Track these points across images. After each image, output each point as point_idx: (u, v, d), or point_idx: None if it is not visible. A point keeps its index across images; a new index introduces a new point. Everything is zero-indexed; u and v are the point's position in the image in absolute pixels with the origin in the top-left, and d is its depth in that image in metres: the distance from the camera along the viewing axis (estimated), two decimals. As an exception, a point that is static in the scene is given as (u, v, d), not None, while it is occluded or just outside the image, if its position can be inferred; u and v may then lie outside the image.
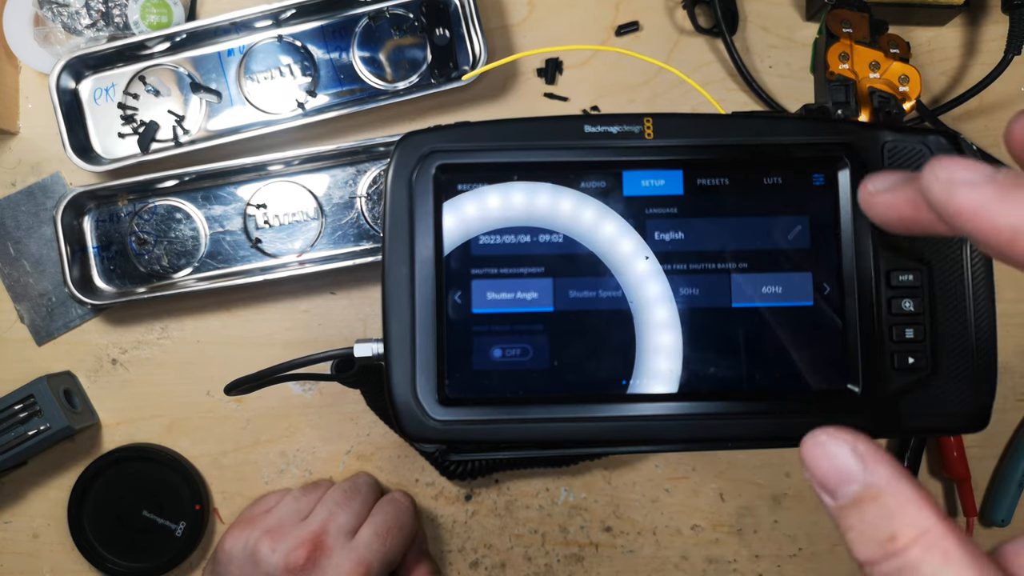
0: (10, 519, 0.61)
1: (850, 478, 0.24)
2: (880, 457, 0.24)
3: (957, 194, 0.23)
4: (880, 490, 0.24)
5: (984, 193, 0.23)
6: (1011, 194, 0.22)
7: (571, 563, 0.61)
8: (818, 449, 0.25)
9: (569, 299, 0.40)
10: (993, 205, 0.23)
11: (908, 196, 0.26)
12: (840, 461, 0.25)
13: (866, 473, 0.24)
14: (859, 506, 0.24)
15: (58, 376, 0.59)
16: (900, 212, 0.27)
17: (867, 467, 0.24)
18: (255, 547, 0.51)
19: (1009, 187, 0.22)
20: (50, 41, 0.59)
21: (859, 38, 0.54)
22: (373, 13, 0.59)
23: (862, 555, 0.24)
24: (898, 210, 0.27)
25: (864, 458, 0.24)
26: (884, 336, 0.39)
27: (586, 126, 0.40)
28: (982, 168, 0.23)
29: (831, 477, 0.25)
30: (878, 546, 0.23)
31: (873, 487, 0.24)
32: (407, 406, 0.39)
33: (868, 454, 0.25)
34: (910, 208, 0.26)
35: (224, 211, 0.59)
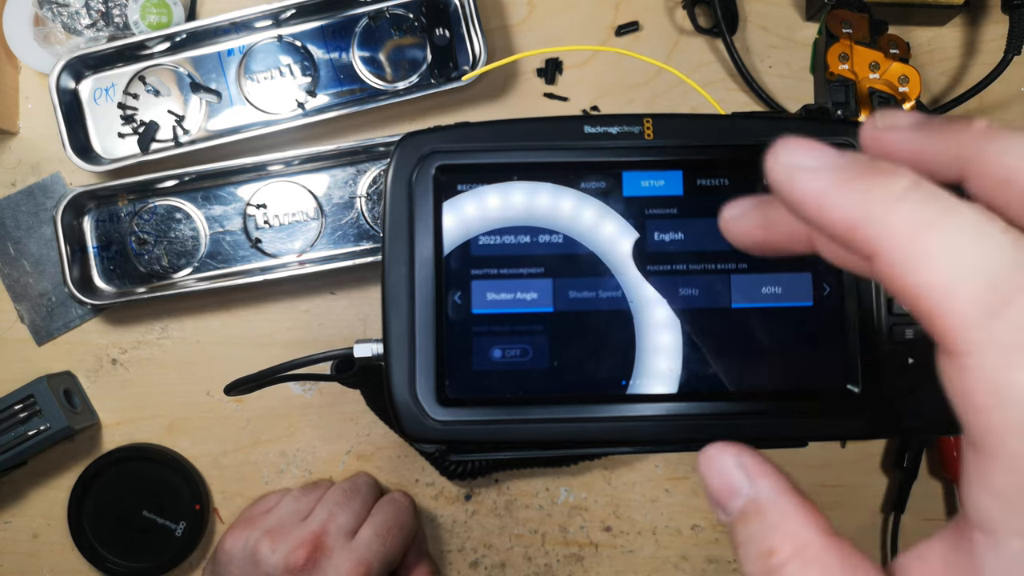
0: (10, 519, 0.61)
1: (737, 492, 0.24)
2: (764, 470, 0.24)
3: (797, 180, 0.21)
4: (762, 504, 0.23)
5: (824, 180, 0.21)
6: (852, 183, 0.20)
7: (571, 563, 0.61)
8: (708, 464, 0.24)
9: (569, 299, 0.40)
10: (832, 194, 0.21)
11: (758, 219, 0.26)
12: (727, 475, 0.24)
13: (750, 486, 0.24)
14: (744, 521, 0.23)
15: (58, 376, 0.59)
16: (753, 236, 0.26)
17: (751, 480, 0.24)
18: (255, 547, 0.51)
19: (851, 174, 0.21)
20: (50, 41, 0.59)
21: (859, 38, 0.54)
22: (373, 13, 0.59)
23: (748, 570, 0.23)
24: (751, 234, 0.26)
25: (748, 471, 0.24)
26: (884, 336, 0.39)
27: (586, 126, 0.40)
28: (827, 153, 0.21)
29: (722, 492, 0.24)
30: (759, 561, 0.22)
31: (756, 501, 0.23)
32: (407, 406, 0.39)
33: (752, 467, 0.24)
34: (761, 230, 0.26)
35: (224, 211, 0.59)
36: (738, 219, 0.26)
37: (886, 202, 0.20)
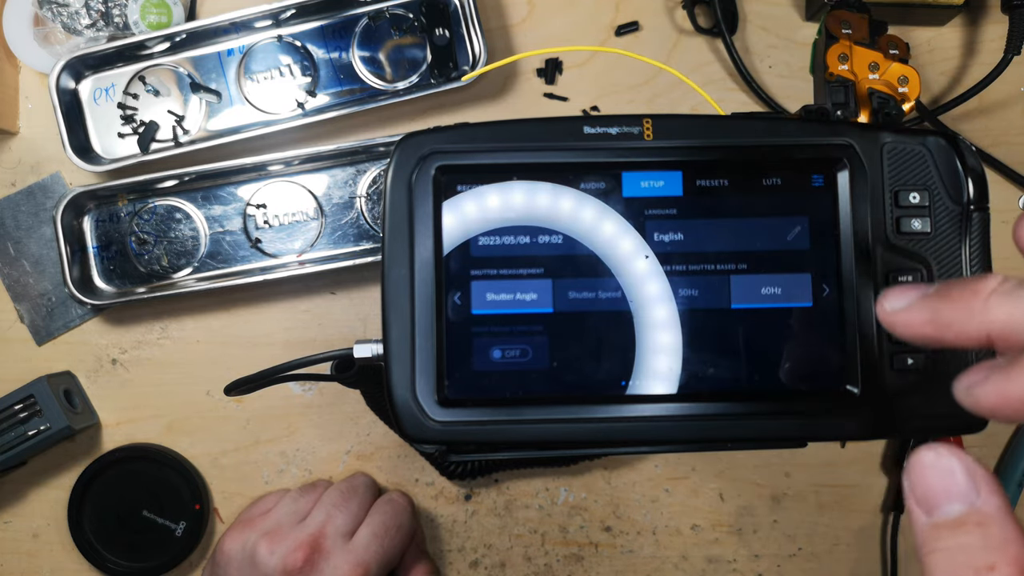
0: (10, 519, 0.61)
1: (958, 498, 0.24)
2: (995, 488, 0.24)
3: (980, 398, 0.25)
4: (988, 517, 0.23)
5: None
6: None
7: (571, 563, 0.61)
8: (930, 460, 0.24)
9: (569, 300, 0.40)
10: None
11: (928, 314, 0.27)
12: (952, 478, 0.24)
13: (978, 498, 0.23)
14: (960, 528, 0.23)
15: (58, 376, 0.59)
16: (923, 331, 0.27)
17: (980, 492, 0.23)
18: (253, 549, 0.51)
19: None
20: (50, 41, 0.59)
21: (858, 39, 0.54)
22: (373, 13, 0.59)
23: None
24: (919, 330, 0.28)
25: (978, 482, 0.24)
26: (883, 337, 0.39)
27: (585, 127, 0.40)
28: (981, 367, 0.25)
29: (936, 492, 0.24)
30: (971, 572, 0.22)
31: (981, 513, 0.23)
32: (407, 407, 0.39)
33: (983, 480, 0.24)
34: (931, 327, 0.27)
35: (224, 211, 0.59)
36: (903, 313, 0.28)
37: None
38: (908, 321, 0.27)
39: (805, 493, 0.61)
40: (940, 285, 0.27)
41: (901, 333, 0.28)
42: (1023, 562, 0.22)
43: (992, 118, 0.62)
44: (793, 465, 0.61)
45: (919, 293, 0.27)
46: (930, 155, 0.40)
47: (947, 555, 0.23)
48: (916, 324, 0.27)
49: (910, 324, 0.27)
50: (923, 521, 0.24)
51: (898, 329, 0.28)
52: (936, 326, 0.27)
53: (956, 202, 0.40)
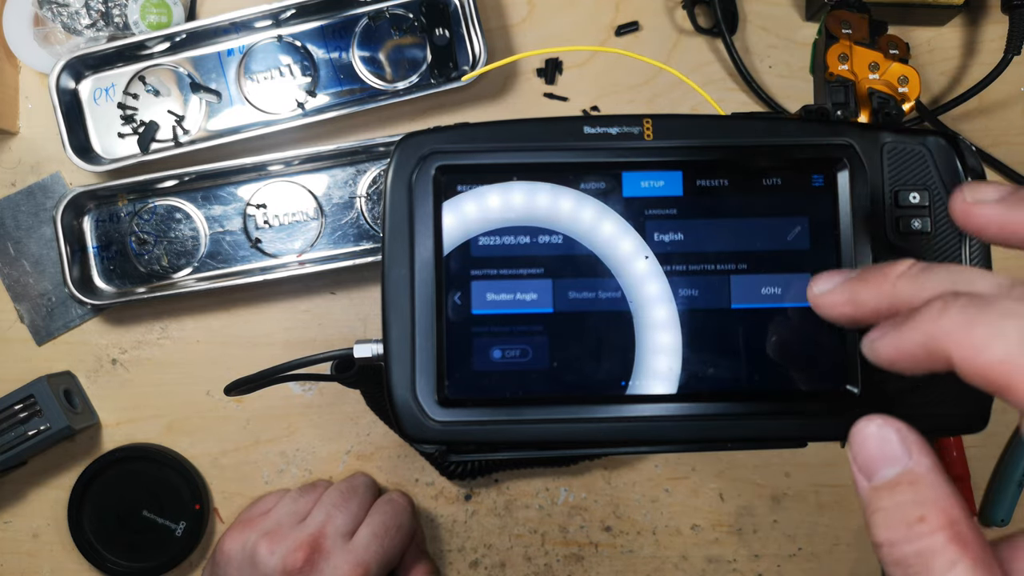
0: (10, 519, 0.61)
1: (892, 461, 0.26)
2: (926, 450, 0.26)
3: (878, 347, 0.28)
4: (919, 477, 0.25)
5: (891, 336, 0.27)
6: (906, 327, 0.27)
7: (571, 563, 0.61)
8: (869, 430, 0.26)
9: (569, 300, 0.40)
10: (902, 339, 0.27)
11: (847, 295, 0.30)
12: (888, 445, 0.26)
13: (910, 460, 0.25)
14: (894, 488, 0.25)
15: (58, 376, 0.59)
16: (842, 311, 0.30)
17: (912, 455, 0.26)
18: (253, 549, 0.51)
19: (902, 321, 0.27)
20: (50, 41, 0.59)
21: (858, 39, 0.54)
22: (373, 13, 0.59)
23: (884, 535, 0.25)
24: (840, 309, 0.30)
25: (910, 446, 0.26)
26: (883, 337, 0.39)
27: (585, 127, 0.40)
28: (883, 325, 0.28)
29: (875, 459, 0.26)
30: (904, 527, 0.24)
31: (912, 473, 0.25)
32: (407, 407, 0.39)
33: (915, 443, 0.26)
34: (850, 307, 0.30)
35: (224, 211, 0.59)
36: (827, 294, 0.30)
37: (932, 320, 0.25)
38: (832, 302, 0.30)
39: (805, 493, 0.61)
40: (860, 270, 0.30)
41: (826, 314, 0.30)
42: (950, 513, 0.24)
43: (992, 118, 0.62)
44: (793, 465, 0.61)
45: (842, 277, 0.30)
46: (930, 155, 0.40)
47: (885, 513, 0.25)
48: (838, 304, 0.30)
49: (834, 304, 0.30)
50: (865, 486, 0.26)
51: (824, 310, 0.30)
52: (854, 305, 0.29)
53: (956, 202, 0.40)
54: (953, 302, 0.25)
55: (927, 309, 0.26)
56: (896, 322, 0.27)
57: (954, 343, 0.25)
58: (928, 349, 0.26)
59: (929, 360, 0.26)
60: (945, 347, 0.25)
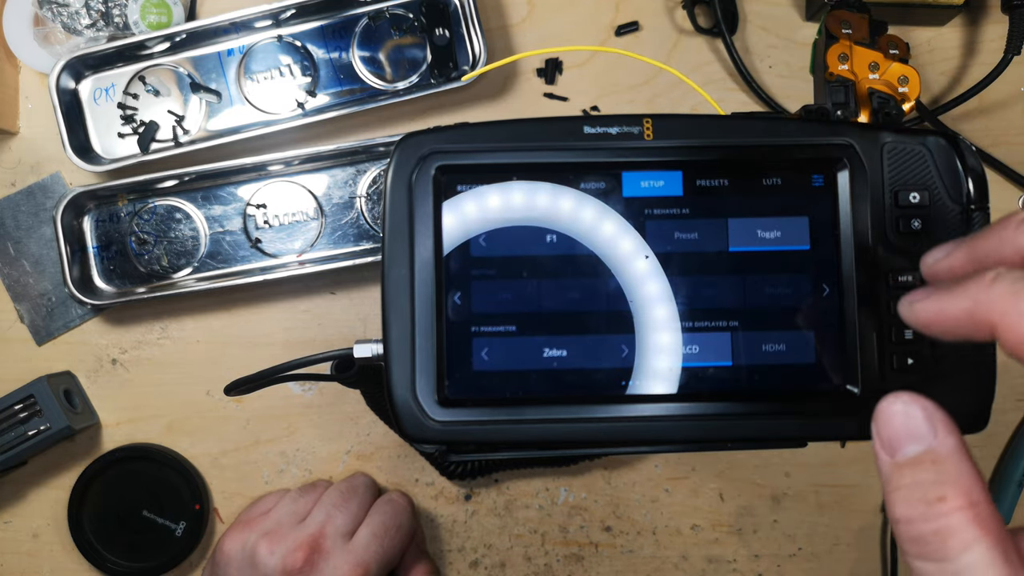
0: (10, 519, 0.61)
1: (917, 439, 0.25)
2: (952, 429, 0.25)
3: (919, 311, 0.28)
4: (943, 456, 0.25)
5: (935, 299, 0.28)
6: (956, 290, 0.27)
7: (571, 563, 0.61)
8: (895, 406, 0.26)
9: (569, 299, 0.40)
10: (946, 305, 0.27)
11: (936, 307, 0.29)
12: (913, 422, 0.26)
13: (935, 439, 0.25)
14: (916, 466, 0.25)
15: (58, 376, 0.59)
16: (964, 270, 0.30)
17: (937, 433, 0.25)
18: (253, 549, 0.51)
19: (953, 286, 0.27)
20: (50, 41, 0.59)
21: (858, 39, 0.54)
22: (373, 13, 0.59)
23: (902, 512, 0.24)
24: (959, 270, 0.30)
25: (935, 424, 0.25)
26: (883, 337, 0.39)
27: (585, 127, 0.40)
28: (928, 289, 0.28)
29: (899, 435, 0.26)
30: (924, 505, 0.24)
31: (936, 451, 0.25)
32: (407, 407, 0.39)
33: (941, 423, 0.26)
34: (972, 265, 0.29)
35: (224, 211, 0.59)
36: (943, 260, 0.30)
37: (983, 289, 0.26)
38: (951, 265, 0.29)
39: (805, 493, 0.61)
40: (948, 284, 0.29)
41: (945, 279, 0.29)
42: (971, 494, 0.24)
43: (992, 118, 0.62)
44: (793, 465, 0.61)
45: (954, 243, 0.30)
46: (930, 155, 0.40)
47: (905, 491, 0.25)
48: (958, 265, 0.29)
49: (952, 267, 0.29)
50: (887, 461, 0.26)
51: (942, 276, 0.30)
52: (974, 260, 0.29)
53: (956, 202, 0.40)
54: (1007, 274, 0.25)
55: (979, 277, 0.26)
56: (944, 286, 0.27)
57: (1000, 312, 0.25)
58: (973, 316, 0.26)
59: (972, 326, 0.26)
60: (991, 315, 0.25)
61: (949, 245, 0.30)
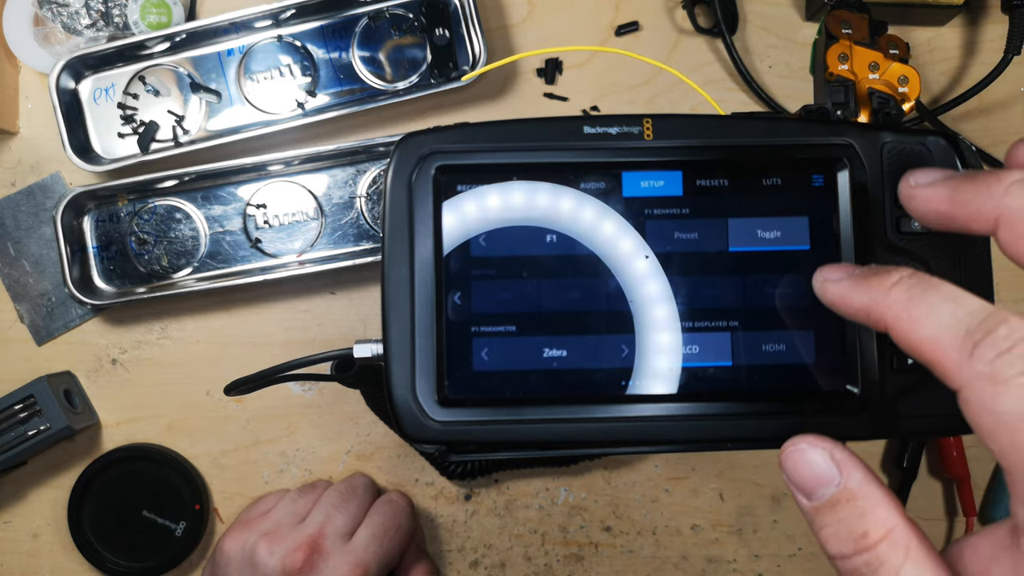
0: (10, 519, 0.61)
1: (827, 481, 0.27)
2: (854, 463, 0.27)
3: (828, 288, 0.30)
4: (854, 493, 0.27)
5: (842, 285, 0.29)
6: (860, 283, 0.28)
7: (571, 563, 0.61)
8: (798, 455, 0.28)
9: (568, 299, 0.40)
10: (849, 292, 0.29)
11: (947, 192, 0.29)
12: (818, 467, 0.27)
13: (842, 478, 0.27)
14: (834, 507, 0.27)
15: (58, 376, 0.59)
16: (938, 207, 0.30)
17: (843, 472, 0.27)
18: (253, 550, 0.51)
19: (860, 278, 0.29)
20: (50, 41, 0.59)
21: (858, 39, 0.54)
22: (373, 13, 0.59)
23: (835, 550, 0.26)
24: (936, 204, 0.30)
25: (840, 464, 0.27)
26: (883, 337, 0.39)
27: (585, 127, 0.40)
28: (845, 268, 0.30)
29: (809, 481, 0.27)
30: (852, 542, 0.26)
31: (848, 490, 0.27)
32: (407, 407, 0.39)
33: (843, 460, 0.27)
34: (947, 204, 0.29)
35: (224, 211, 0.59)
36: (925, 188, 0.30)
37: (882, 290, 0.27)
38: (929, 196, 0.29)
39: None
40: (965, 171, 0.30)
41: (919, 207, 0.30)
42: (887, 522, 0.26)
43: (992, 118, 0.62)
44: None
45: (945, 173, 0.30)
46: (930, 155, 0.40)
47: (832, 531, 0.27)
48: (935, 199, 0.29)
49: (930, 199, 0.29)
50: (807, 505, 0.28)
51: (917, 202, 0.30)
52: (952, 203, 0.29)
53: (956, 202, 0.40)
54: (907, 280, 0.27)
55: (882, 278, 0.27)
56: (854, 276, 0.29)
57: (893, 315, 0.27)
58: (869, 313, 0.28)
59: (868, 322, 0.28)
60: (885, 316, 0.27)
61: (938, 173, 0.30)
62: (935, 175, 0.30)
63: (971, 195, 0.28)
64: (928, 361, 0.26)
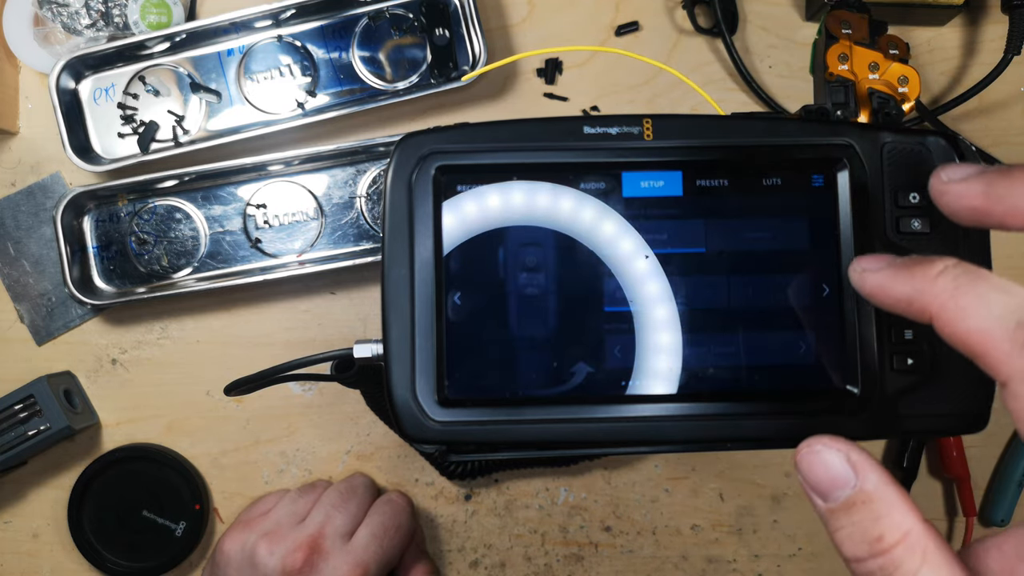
0: (10, 519, 0.61)
1: (843, 484, 0.27)
2: (870, 465, 0.27)
3: (868, 279, 0.29)
4: (870, 495, 0.26)
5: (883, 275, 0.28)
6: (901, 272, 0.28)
7: (571, 563, 0.61)
8: (814, 456, 0.28)
9: (568, 299, 0.40)
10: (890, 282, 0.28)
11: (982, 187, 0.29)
12: (834, 468, 0.27)
13: (858, 479, 0.27)
14: (850, 509, 0.26)
15: (58, 376, 0.59)
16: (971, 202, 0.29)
17: (859, 474, 0.27)
18: (253, 550, 0.51)
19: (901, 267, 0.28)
20: (50, 41, 0.59)
21: (858, 39, 0.54)
22: (373, 13, 0.59)
23: (851, 553, 0.26)
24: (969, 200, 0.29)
25: (856, 466, 0.27)
26: (883, 337, 0.39)
27: (585, 127, 0.40)
28: (883, 258, 0.29)
29: (824, 482, 0.27)
30: (867, 545, 0.26)
31: (864, 492, 0.26)
32: (407, 407, 0.39)
33: (860, 462, 0.27)
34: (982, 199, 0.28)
35: (224, 211, 0.59)
36: (959, 183, 0.29)
37: (927, 280, 0.26)
38: (962, 191, 0.28)
39: (805, 493, 0.61)
40: (999, 165, 0.29)
41: (951, 203, 0.29)
42: (903, 525, 0.25)
43: (992, 118, 0.62)
44: (793, 465, 0.61)
45: (978, 168, 0.29)
46: (930, 155, 0.40)
47: (847, 533, 0.26)
48: (970, 195, 0.28)
49: (963, 195, 0.28)
50: (822, 507, 0.27)
51: (950, 198, 0.29)
52: (988, 198, 0.28)
53: (956, 202, 0.40)
54: (953, 268, 0.26)
55: (927, 267, 0.27)
56: (895, 265, 0.28)
57: (939, 305, 0.26)
58: (913, 303, 0.27)
59: (911, 311, 0.27)
60: (930, 306, 0.26)
61: (971, 168, 0.29)
62: (969, 170, 0.29)
63: (1007, 190, 0.27)
64: (975, 353, 0.25)
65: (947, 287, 0.26)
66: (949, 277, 0.26)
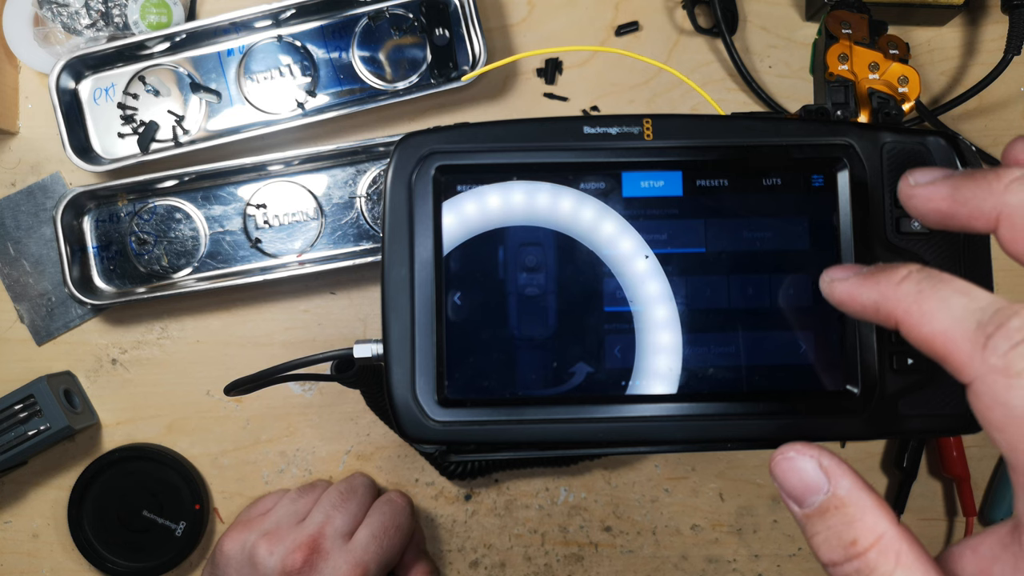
0: (10, 519, 0.61)
1: (816, 489, 0.27)
2: (842, 471, 0.27)
3: (835, 287, 0.30)
4: (842, 500, 0.27)
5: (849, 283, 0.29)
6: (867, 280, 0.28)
7: (571, 563, 0.61)
8: (787, 463, 0.28)
9: (568, 299, 0.40)
10: (856, 290, 0.29)
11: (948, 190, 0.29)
12: (807, 474, 0.27)
13: (830, 485, 0.27)
14: (824, 514, 0.27)
15: (58, 376, 0.59)
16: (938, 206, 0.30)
17: (831, 479, 0.27)
18: (252, 550, 0.51)
19: (867, 275, 0.28)
20: (50, 41, 0.59)
21: (858, 39, 0.54)
22: (373, 13, 0.59)
23: (827, 557, 0.26)
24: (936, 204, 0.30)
25: (828, 471, 0.27)
26: (883, 337, 0.39)
27: (585, 127, 0.40)
28: (851, 267, 0.30)
29: (798, 488, 0.28)
30: (842, 549, 0.26)
31: (836, 497, 0.27)
32: (407, 407, 0.39)
33: (832, 468, 0.27)
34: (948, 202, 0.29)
35: (224, 211, 0.59)
36: (925, 187, 0.30)
37: (891, 286, 0.27)
38: (929, 195, 0.29)
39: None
40: (964, 169, 0.30)
41: (918, 206, 0.30)
42: (875, 528, 0.26)
43: (992, 118, 0.62)
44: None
45: (944, 172, 0.30)
46: (930, 155, 0.40)
47: (823, 538, 0.27)
48: (936, 198, 0.29)
49: (930, 198, 0.29)
50: (798, 512, 0.28)
51: (917, 201, 0.30)
52: (953, 201, 0.28)
53: (956, 202, 0.40)
54: (916, 274, 0.27)
55: (891, 273, 0.27)
56: (861, 274, 0.29)
57: (903, 310, 0.27)
58: (879, 309, 0.28)
59: (878, 318, 0.28)
60: (895, 311, 0.27)
61: (937, 172, 0.30)
62: (934, 174, 0.30)
63: (971, 193, 0.28)
64: (939, 355, 0.26)
65: (910, 292, 0.27)
66: (912, 282, 0.27)
